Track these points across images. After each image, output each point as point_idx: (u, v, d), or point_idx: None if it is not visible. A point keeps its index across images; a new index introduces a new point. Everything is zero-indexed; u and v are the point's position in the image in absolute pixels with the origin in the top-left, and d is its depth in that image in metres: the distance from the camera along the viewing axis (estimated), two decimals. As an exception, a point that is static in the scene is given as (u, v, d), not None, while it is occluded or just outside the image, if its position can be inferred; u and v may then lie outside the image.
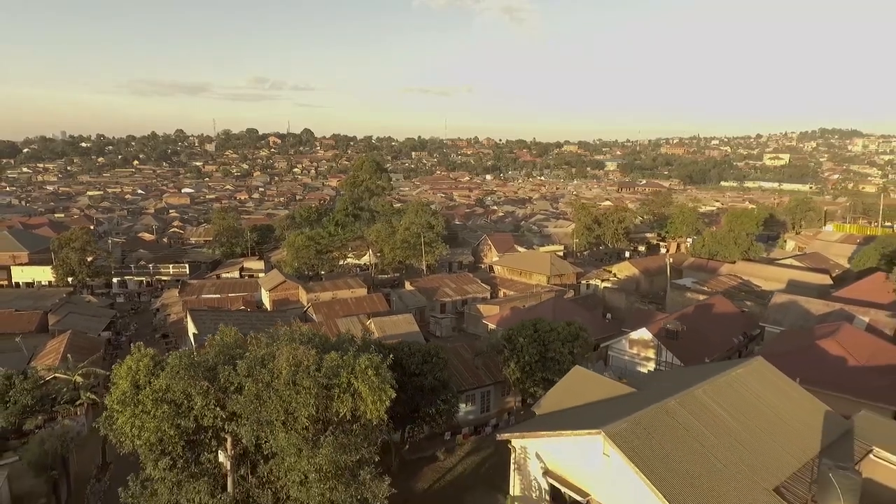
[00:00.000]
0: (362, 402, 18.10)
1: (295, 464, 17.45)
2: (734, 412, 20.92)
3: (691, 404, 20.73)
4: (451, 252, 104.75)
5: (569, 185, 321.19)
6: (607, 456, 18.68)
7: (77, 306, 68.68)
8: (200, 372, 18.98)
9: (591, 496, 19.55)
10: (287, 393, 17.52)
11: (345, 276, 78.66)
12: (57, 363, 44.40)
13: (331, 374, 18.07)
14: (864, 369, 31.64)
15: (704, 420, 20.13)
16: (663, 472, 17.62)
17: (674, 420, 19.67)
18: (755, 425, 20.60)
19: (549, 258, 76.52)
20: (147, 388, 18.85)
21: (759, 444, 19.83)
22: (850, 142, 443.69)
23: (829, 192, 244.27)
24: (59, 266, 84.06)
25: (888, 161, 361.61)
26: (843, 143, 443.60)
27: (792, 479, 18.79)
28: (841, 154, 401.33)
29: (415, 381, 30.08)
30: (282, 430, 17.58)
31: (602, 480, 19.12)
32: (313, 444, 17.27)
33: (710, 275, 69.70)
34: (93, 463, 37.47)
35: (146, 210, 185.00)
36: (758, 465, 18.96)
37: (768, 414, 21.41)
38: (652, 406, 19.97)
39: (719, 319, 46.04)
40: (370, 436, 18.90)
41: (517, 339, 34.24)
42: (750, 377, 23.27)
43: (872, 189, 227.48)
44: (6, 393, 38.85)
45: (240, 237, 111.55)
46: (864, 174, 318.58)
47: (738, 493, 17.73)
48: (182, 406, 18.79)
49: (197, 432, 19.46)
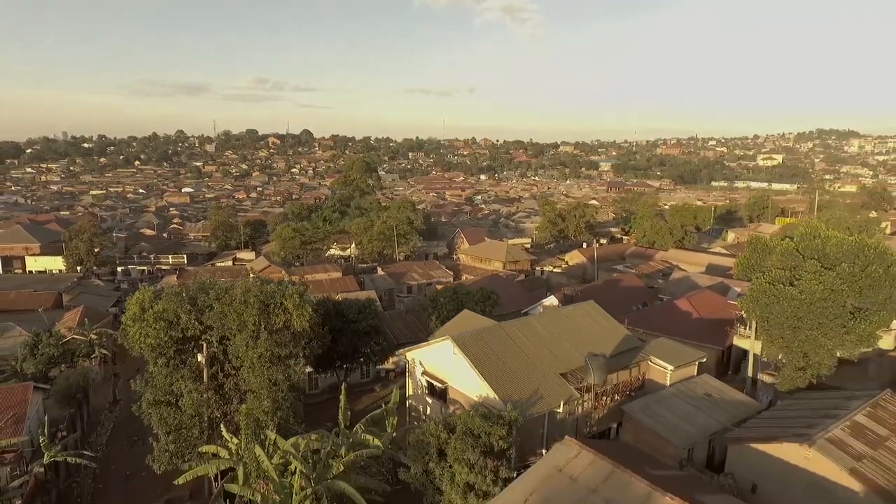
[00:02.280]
0: (290, 316, 27.46)
1: (245, 354, 26.84)
2: (552, 331, 30.36)
3: (523, 325, 30.27)
4: (427, 244, 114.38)
5: (560, 185, 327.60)
6: (455, 355, 28.08)
7: (87, 287, 78.30)
8: (185, 298, 28.45)
9: (447, 383, 28.98)
10: (240, 308, 26.91)
11: (323, 262, 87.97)
12: (75, 326, 53.87)
13: (269, 296, 27.51)
14: (700, 320, 41.11)
15: (527, 334, 29.59)
16: (487, 364, 27.08)
17: (504, 333, 29.16)
18: (564, 339, 30.03)
19: (505, 247, 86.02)
20: (149, 310, 28.21)
21: (562, 350, 29.27)
22: (846, 143, 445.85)
23: (813, 191, 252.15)
24: (70, 255, 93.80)
25: (881, 162, 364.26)
26: (839, 143, 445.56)
27: (578, 369, 28.19)
28: (836, 155, 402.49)
29: (353, 326, 39.45)
30: (237, 333, 27.03)
31: (453, 372, 28.55)
32: (256, 340, 26.70)
33: (645, 260, 79.04)
34: (105, 400, 47.09)
35: (147, 208, 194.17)
36: (556, 361, 28.42)
37: (578, 333, 30.82)
38: (493, 324, 29.43)
39: (624, 291, 55.38)
40: (297, 339, 28.22)
41: (439, 299, 43.71)
42: (577, 312, 32.79)
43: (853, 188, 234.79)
44: (35, 347, 48.11)
45: (234, 232, 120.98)
46: (855, 174, 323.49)
47: (537, 376, 27.19)
48: (173, 322, 28.15)
49: (183, 341, 28.82)
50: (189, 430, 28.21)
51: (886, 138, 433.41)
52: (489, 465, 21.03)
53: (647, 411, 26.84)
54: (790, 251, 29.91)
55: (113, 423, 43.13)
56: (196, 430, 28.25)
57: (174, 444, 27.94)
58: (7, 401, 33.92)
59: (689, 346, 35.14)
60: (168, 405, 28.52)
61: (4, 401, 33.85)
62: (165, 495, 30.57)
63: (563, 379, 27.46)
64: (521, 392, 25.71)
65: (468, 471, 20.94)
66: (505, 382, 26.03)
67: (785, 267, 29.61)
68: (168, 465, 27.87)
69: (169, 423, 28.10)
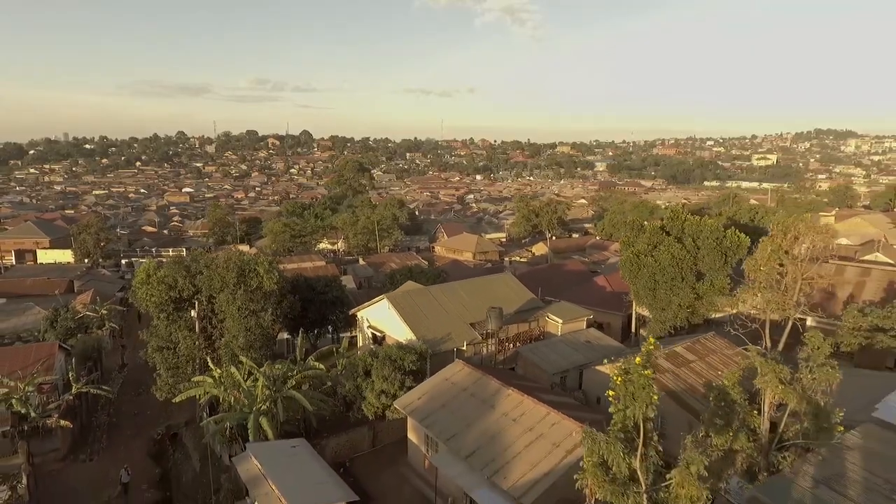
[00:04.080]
0: (262, 278, 35.67)
1: (227, 308, 35.04)
2: (470, 293, 38.66)
3: (446, 289, 38.69)
4: (411, 238, 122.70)
5: (553, 185, 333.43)
6: (389, 310, 36.32)
7: (96, 276, 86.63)
8: (182, 267, 36.72)
9: (385, 332, 37.23)
10: (223, 272, 35.14)
11: (310, 254, 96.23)
12: (88, 303, 62.16)
13: (245, 263, 35.76)
14: (612, 293, 49.30)
15: (449, 295, 37.92)
16: (412, 315, 35.40)
17: (430, 294, 37.51)
18: (479, 299, 38.31)
19: (476, 240, 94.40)
20: (153, 276, 36.44)
21: (475, 307, 37.53)
22: (843, 143, 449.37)
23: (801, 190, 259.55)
24: (79, 248, 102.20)
25: (876, 161, 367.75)
26: (836, 143, 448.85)
27: (485, 321, 36.39)
28: (832, 155, 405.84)
29: (320, 297, 47.52)
30: (221, 291, 35.26)
31: (388, 323, 36.80)
32: (235, 297, 34.93)
33: (601, 251, 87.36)
34: (115, 364, 55.37)
35: (149, 207, 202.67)
36: (468, 314, 36.73)
37: (491, 296, 39.05)
38: (422, 287, 37.67)
39: (565, 273, 63.50)
40: (267, 297, 36.40)
41: (396, 276, 51.95)
42: (494, 280, 41.25)
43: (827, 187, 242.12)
44: (55, 321, 56.29)
45: (230, 228, 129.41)
46: (848, 174, 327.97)
47: (450, 324, 35.47)
48: (172, 285, 36.33)
49: (180, 300, 37.02)
50: (184, 367, 36.46)
51: (883, 138, 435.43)
52: (398, 378, 29.28)
53: (534, 351, 35.02)
54: (657, 230, 38.15)
55: (122, 381, 51.37)
56: (189, 367, 36.47)
57: (173, 379, 36.19)
58: (39, 354, 42.32)
59: (597, 312, 43.40)
60: (168, 350, 36.79)
61: (37, 353, 42.26)
62: (165, 423, 38.86)
63: (470, 327, 35.72)
64: (434, 334, 34.00)
65: (382, 381, 29.19)
66: (422, 327, 34.33)
67: (651, 242, 37.85)
68: (168, 394, 36.05)
69: (169, 363, 36.38)
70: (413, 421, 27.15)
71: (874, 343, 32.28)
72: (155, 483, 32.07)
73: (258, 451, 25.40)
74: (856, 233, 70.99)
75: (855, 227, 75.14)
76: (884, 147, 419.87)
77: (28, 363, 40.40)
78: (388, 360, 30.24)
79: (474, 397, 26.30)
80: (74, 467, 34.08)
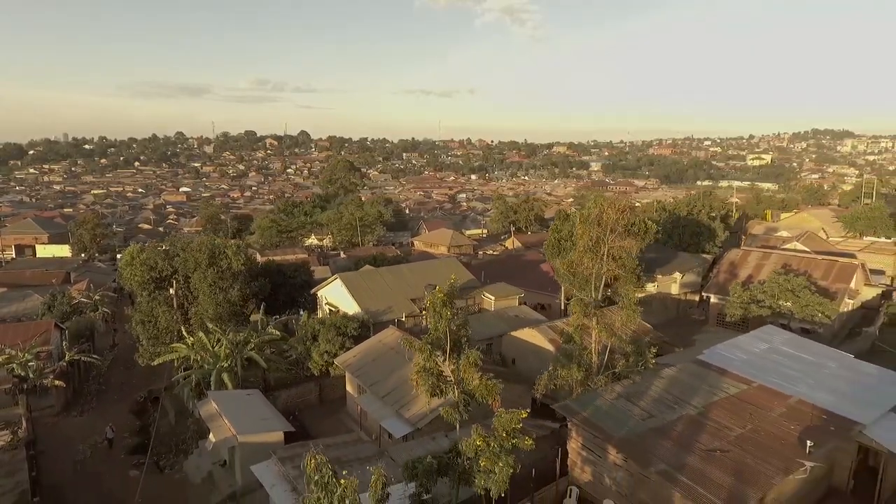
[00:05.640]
0: (230, 260, 41.06)
1: (200, 286, 40.45)
2: (415, 273, 44.17)
3: (393, 269, 44.32)
4: (394, 234, 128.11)
5: (546, 185, 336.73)
6: (342, 287, 41.71)
7: (91, 268, 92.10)
8: (161, 251, 42.19)
9: (339, 307, 42.64)
10: (196, 255, 40.56)
11: (294, 247, 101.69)
12: (83, 291, 67.58)
13: (216, 246, 41.18)
14: (552, 278, 54.59)
15: (395, 275, 43.46)
16: (359, 291, 40.81)
17: (378, 274, 43.07)
18: (422, 279, 43.67)
19: (450, 234, 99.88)
20: (137, 258, 41.87)
21: (418, 285, 42.94)
22: (840, 143, 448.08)
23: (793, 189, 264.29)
24: (76, 243, 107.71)
25: (870, 161, 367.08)
26: (833, 143, 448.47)
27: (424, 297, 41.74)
28: (828, 155, 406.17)
29: (290, 281, 53.01)
30: (194, 271, 40.68)
31: (341, 300, 42.21)
32: (206, 275, 40.33)
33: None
34: (106, 344, 60.74)
35: (146, 206, 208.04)
36: (410, 291, 42.13)
37: (433, 276, 44.33)
38: (371, 268, 43.09)
39: (520, 262, 68.82)
40: (235, 276, 41.77)
41: (360, 263, 57.32)
42: (438, 263, 46.70)
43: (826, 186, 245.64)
44: (52, 305, 61.63)
45: (222, 225, 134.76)
46: (841, 174, 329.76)
47: (392, 298, 40.92)
48: (153, 266, 41.76)
49: (160, 280, 42.47)
50: (163, 337, 41.88)
51: (880, 138, 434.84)
52: (338, 340, 34.69)
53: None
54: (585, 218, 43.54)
55: (112, 357, 56.69)
56: (167, 337, 41.87)
57: (153, 347, 41.59)
58: (37, 329, 47.73)
59: (539, 294, 48.73)
60: (149, 322, 42.22)
61: (35, 329, 47.69)
62: (147, 388, 44.25)
63: (411, 301, 41.15)
64: (378, 306, 39.45)
65: (326, 343, 34.62)
66: (367, 301, 39.80)
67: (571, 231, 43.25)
68: (149, 360, 41.40)
69: (150, 333, 41.82)
70: (349, 374, 32.57)
71: (749, 312, 37.71)
72: (135, 432, 37.34)
73: (217, 397, 30.84)
74: (798, 226, 76.34)
75: (799, 222, 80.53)
76: (880, 147, 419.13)
77: (27, 337, 45.80)
78: (333, 327, 35.65)
79: (398, 354, 31.68)
80: (67, 421, 39.44)
